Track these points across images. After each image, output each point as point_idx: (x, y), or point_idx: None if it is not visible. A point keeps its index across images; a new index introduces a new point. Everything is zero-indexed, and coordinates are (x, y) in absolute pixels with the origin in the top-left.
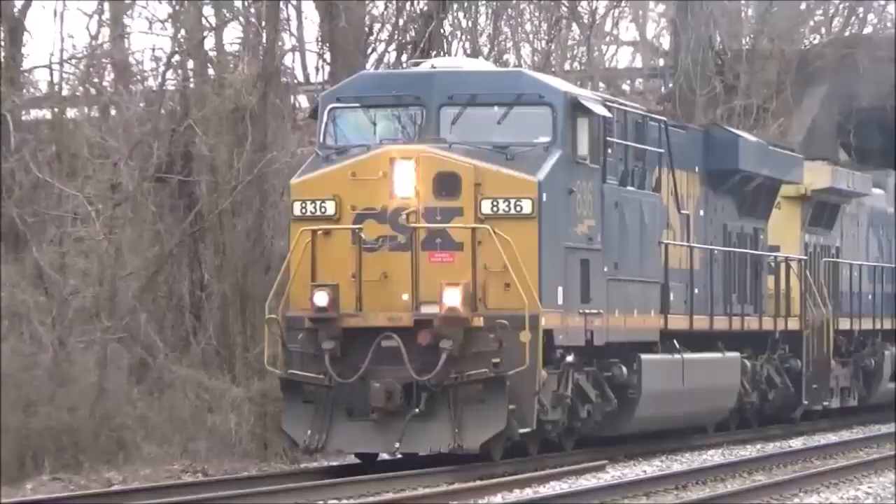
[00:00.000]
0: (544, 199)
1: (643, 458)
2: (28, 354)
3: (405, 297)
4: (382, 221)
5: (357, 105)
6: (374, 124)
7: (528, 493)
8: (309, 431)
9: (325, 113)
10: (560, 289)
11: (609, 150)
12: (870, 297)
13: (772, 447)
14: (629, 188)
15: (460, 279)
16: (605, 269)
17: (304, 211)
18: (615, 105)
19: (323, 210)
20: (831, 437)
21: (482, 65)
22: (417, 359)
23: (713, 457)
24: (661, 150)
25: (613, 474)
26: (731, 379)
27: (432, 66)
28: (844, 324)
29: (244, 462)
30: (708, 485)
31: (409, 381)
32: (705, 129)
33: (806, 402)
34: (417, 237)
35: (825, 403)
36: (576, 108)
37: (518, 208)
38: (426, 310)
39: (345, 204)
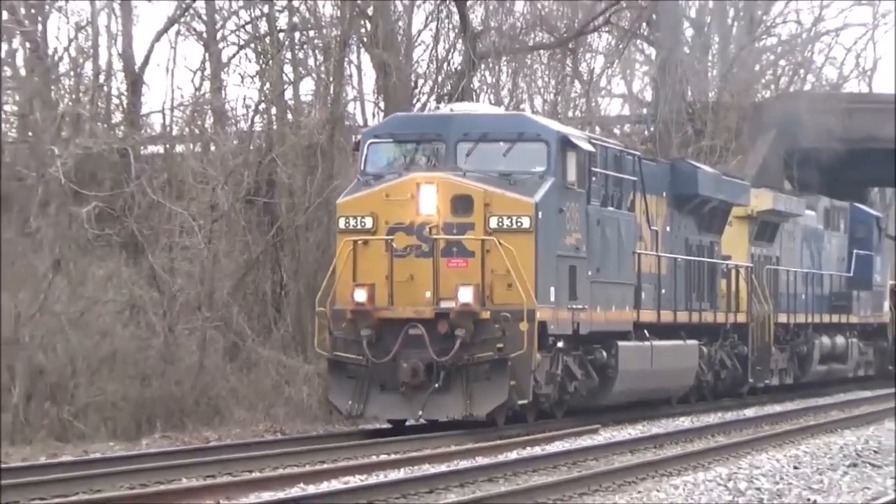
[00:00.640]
0: (540, 216)
1: (628, 424)
2: (144, 339)
3: (427, 294)
4: (410, 234)
5: (390, 140)
6: (404, 156)
7: (538, 450)
8: (350, 401)
9: (366, 146)
10: (552, 288)
11: (593, 178)
12: (803, 297)
13: (730, 416)
14: (609, 208)
15: (472, 280)
16: (589, 273)
17: (347, 225)
18: (598, 142)
19: (362, 224)
20: (776, 408)
21: (491, 109)
22: (437, 344)
23: (684, 423)
24: (635, 178)
25: (605, 436)
26: (690, 361)
27: (451, 110)
28: (782, 318)
29: (314, 424)
30: (680, 444)
31: (430, 362)
32: (671, 162)
33: (751, 381)
34: (438, 246)
35: (767, 382)
36: (566, 144)
37: (519, 224)
38: (444, 305)
39: (380, 219)
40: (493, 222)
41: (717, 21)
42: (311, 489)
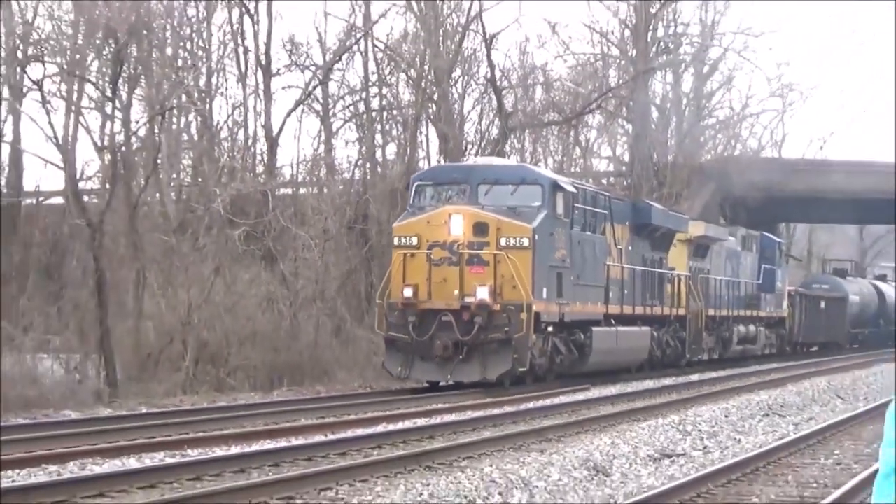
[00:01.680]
0: (536, 238)
1: (611, 384)
2: (276, 322)
3: (456, 292)
4: (443, 249)
5: (431, 183)
6: (440, 194)
7: (548, 401)
8: (399, 368)
9: (414, 187)
10: (545, 289)
11: (575, 211)
12: (726, 297)
13: (680, 380)
14: (587, 233)
15: (487, 282)
16: (572, 279)
17: (400, 242)
18: (579, 186)
19: (410, 242)
20: (711, 375)
21: (502, 161)
22: (462, 327)
23: (648, 384)
24: (606, 212)
25: (594, 393)
26: (644, 342)
27: (474, 162)
28: (711, 312)
29: (392, 382)
30: (646, 399)
31: (456, 340)
32: (633, 201)
33: (688, 356)
34: (463, 258)
35: (700, 357)
36: (555, 186)
37: (521, 243)
38: (467, 300)
39: (423, 238)
40: (503, 241)
41: (674, 107)
42: (391, 427)
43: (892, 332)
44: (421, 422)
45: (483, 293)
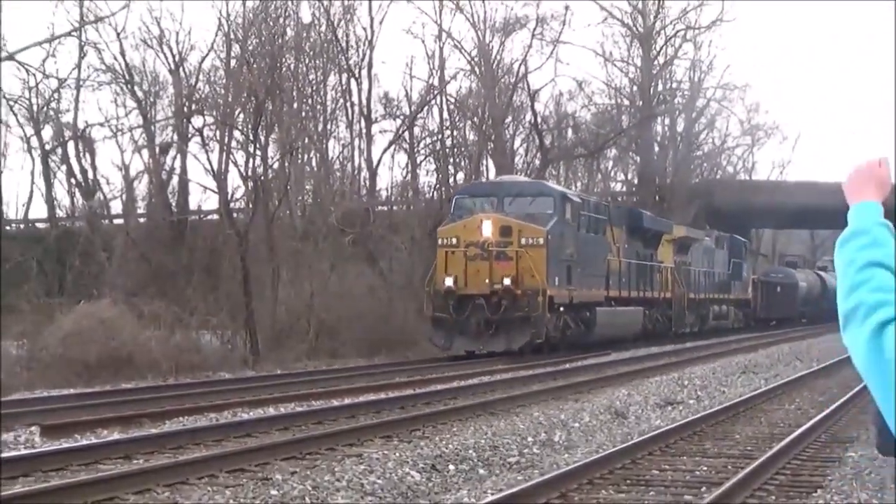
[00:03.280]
0: (549, 238)
1: (624, 350)
2: (376, 306)
3: (486, 281)
4: (477, 247)
5: (467, 196)
6: (475, 204)
7: (573, 364)
8: (443, 341)
9: (454, 199)
10: (557, 278)
11: (581, 217)
12: (703, 283)
13: (678, 346)
14: (591, 234)
15: (511, 273)
16: (579, 270)
17: (443, 242)
18: (584, 197)
19: (451, 242)
20: (698, 343)
21: (523, 178)
22: (491, 309)
23: (653, 350)
24: (606, 217)
25: (613, 357)
26: (638, 318)
27: (501, 179)
28: (692, 295)
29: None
30: (652, 360)
31: (488, 319)
32: (629, 208)
33: (674, 329)
34: (492, 254)
35: (683, 330)
36: (565, 198)
37: (537, 242)
38: (495, 287)
39: (461, 239)
40: (523, 241)
41: (671, 143)
42: (463, 383)
43: (830, 309)
44: (486, 378)
45: (508, 281)
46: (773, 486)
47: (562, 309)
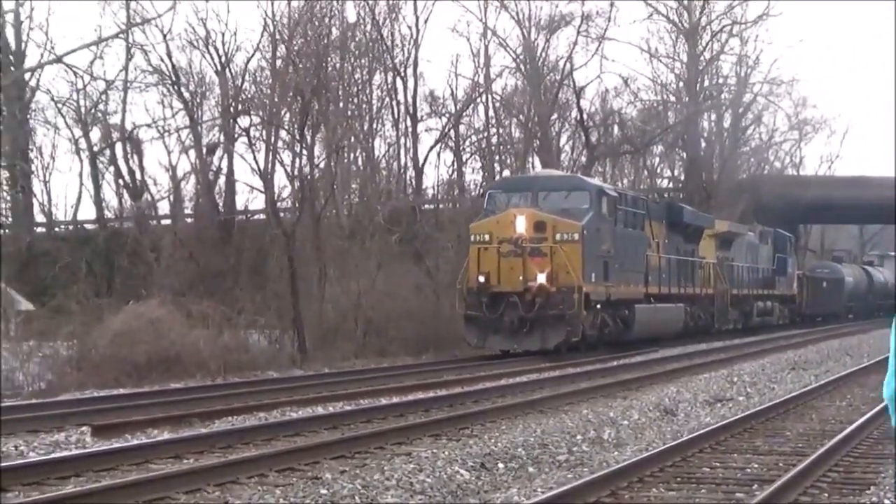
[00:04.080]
0: (585, 233)
1: (671, 347)
2: (423, 303)
3: (520, 278)
4: (510, 243)
5: (500, 190)
6: (508, 199)
7: (615, 363)
8: (476, 339)
9: (487, 194)
10: (593, 274)
11: (619, 211)
12: (746, 279)
13: (720, 344)
14: (629, 229)
15: (545, 269)
16: (616, 266)
17: (475, 238)
18: (622, 192)
19: (484, 238)
20: (746, 339)
21: (558, 172)
22: (525, 306)
23: (701, 347)
24: (644, 212)
25: (662, 353)
26: (679, 315)
27: (535, 174)
28: (734, 291)
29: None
30: (684, 361)
31: (522, 317)
32: (668, 202)
33: (717, 327)
34: (526, 250)
35: (726, 327)
36: (601, 192)
37: (572, 237)
38: (530, 284)
39: (494, 235)
40: (557, 237)
41: (717, 139)
42: (511, 381)
43: (877, 304)
44: (533, 376)
45: (542, 278)
46: (826, 484)
47: (598, 306)
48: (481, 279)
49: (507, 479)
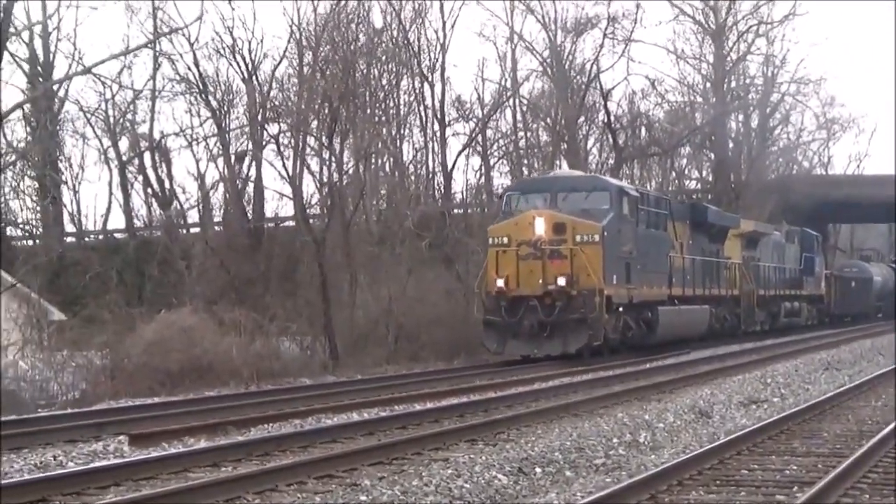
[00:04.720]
0: (605, 234)
1: (704, 349)
2: (453, 308)
3: (540, 281)
4: (529, 246)
5: (519, 192)
6: (527, 201)
7: (658, 363)
8: (495, 344)
9: (505, 196)
10: (615, 276)
11: (640, 212)
12: (773, 280)
13: (752, 345)
14: (651, 230)
15: (566, 272)
16: (639, 267)
17: (494, 241)
18: (643, 191)
19: (503, 241)
20: (769, 342)
21: (577, 172)
22: (545, 310)
23: (734, 348)
24: (667, 212)
25: (693, 356)
26: (704, 317)
27: (554, 174)
28: (761, 292)
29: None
30: (715, 363)
31: (542, 321)
32: (692, 202)
33: (743, 328)
34: (545, 253)
35: (753, 328)
36: (621, 192)
37: (593, 239)
38: (550, 287)
39: (512, 238)
40: (578, 238)
41: (745, 139)
42: (544, 385)
43: None
44: (566, 380)
45: (562, 281)
46: (866, 485)
47: (621, 309)
48: (500, 283)
49: (546, 484)
